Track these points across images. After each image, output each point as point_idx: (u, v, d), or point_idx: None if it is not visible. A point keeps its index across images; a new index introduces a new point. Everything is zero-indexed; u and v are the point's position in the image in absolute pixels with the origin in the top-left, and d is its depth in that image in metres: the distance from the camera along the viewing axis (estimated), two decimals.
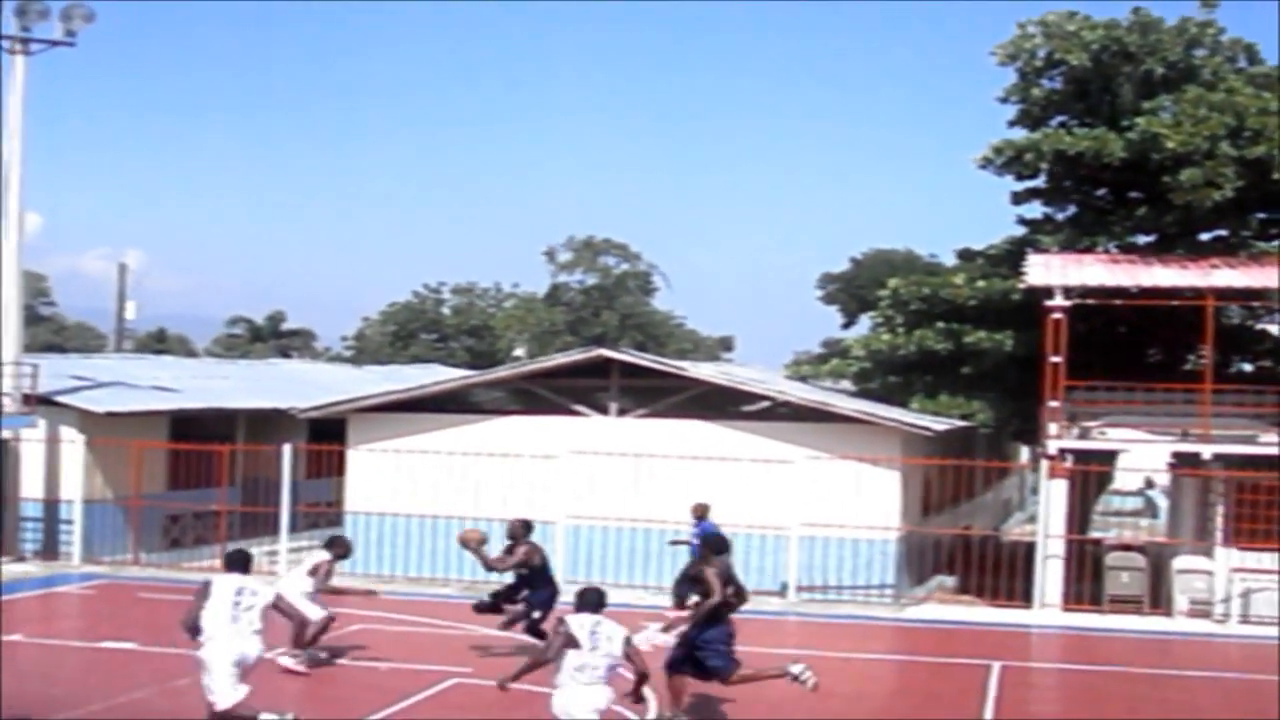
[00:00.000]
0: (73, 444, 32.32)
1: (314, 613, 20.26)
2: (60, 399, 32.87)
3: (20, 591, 25.84)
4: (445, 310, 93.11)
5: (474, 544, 21.40)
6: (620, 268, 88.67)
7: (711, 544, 18.06)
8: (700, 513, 26.62)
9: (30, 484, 32.44)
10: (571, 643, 14.16)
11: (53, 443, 32.45)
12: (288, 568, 29.80)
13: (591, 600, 14.62)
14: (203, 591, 15.14)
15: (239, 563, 15.67)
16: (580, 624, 14.30)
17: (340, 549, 21.23)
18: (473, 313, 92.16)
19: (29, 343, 36.49)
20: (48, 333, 78.94)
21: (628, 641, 14.38)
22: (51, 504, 32.51)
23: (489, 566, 21.57)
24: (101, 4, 32.61)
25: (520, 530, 21.50)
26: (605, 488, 29.80)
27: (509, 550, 21.47)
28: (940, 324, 35.41)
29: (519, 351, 79.70)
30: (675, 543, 27.13)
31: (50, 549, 32.29)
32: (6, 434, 32.15)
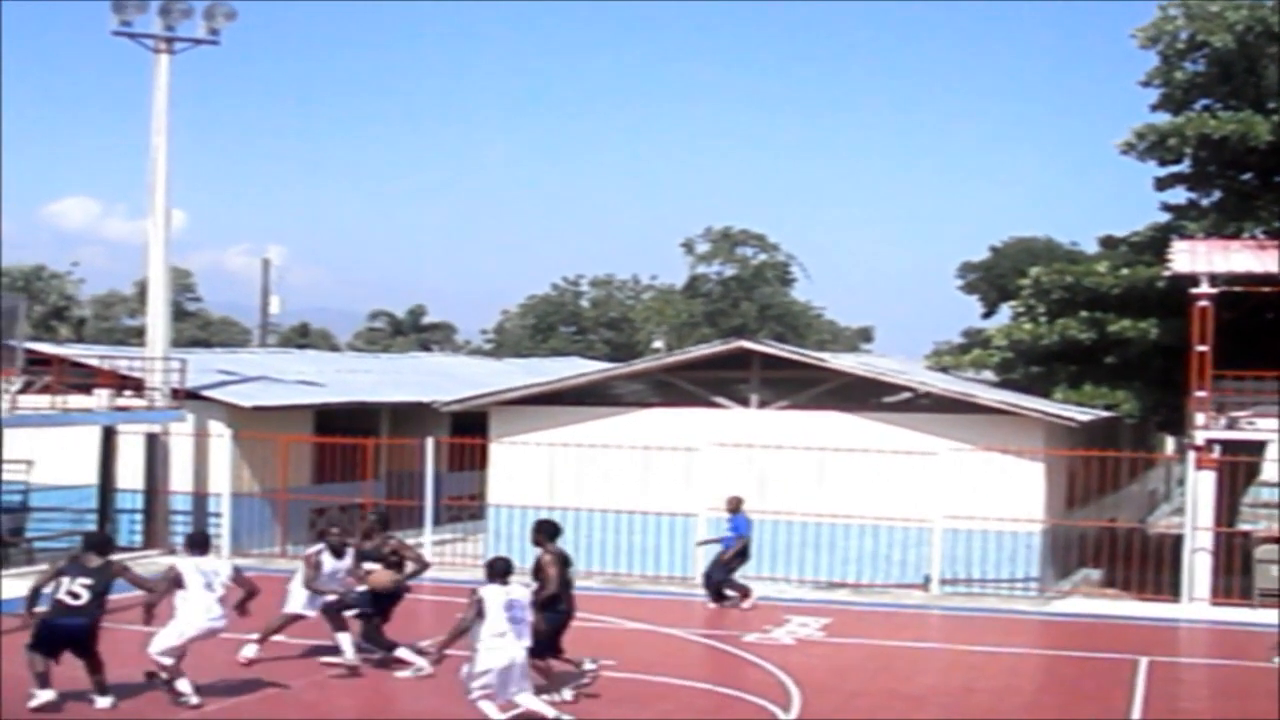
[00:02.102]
0: (220, 438, 32.80)
1: (292, 604, 20.00)
2: (208, 393, 33.38)
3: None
4: (584, 303, 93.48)
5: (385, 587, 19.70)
6: (758, 258, 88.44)
7: (546, 530, 18.26)
8: (733, 506, 26.39)
9: (179, 477, 32.99)
10: (483, 612, 15.63)
11: (201, 437, 32.97)
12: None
13: (500, 569, 16.14)
14: (176, 579, 17.10)
15: (201, 544, 17.73)
16: (493, 594, 15.80)
17: (331, 538, 20.05)
18: (611, 305, 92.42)
19: (175, 338, 37.16)
20: (193, 328, 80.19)
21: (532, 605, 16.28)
22: (200, 497, 33.01)
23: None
24: (243, 3, 33.11)
25: (378, 524, 20.46)
26: (746, 480, 29.74)
27: (375, 553, 19.86)
28: (1083, 313, 34.98)
29: (658, 343, 79.85)
30: (704, 543, 27.04)
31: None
32: (156, 428, 32.73)
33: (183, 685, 17.17)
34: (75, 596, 16.46)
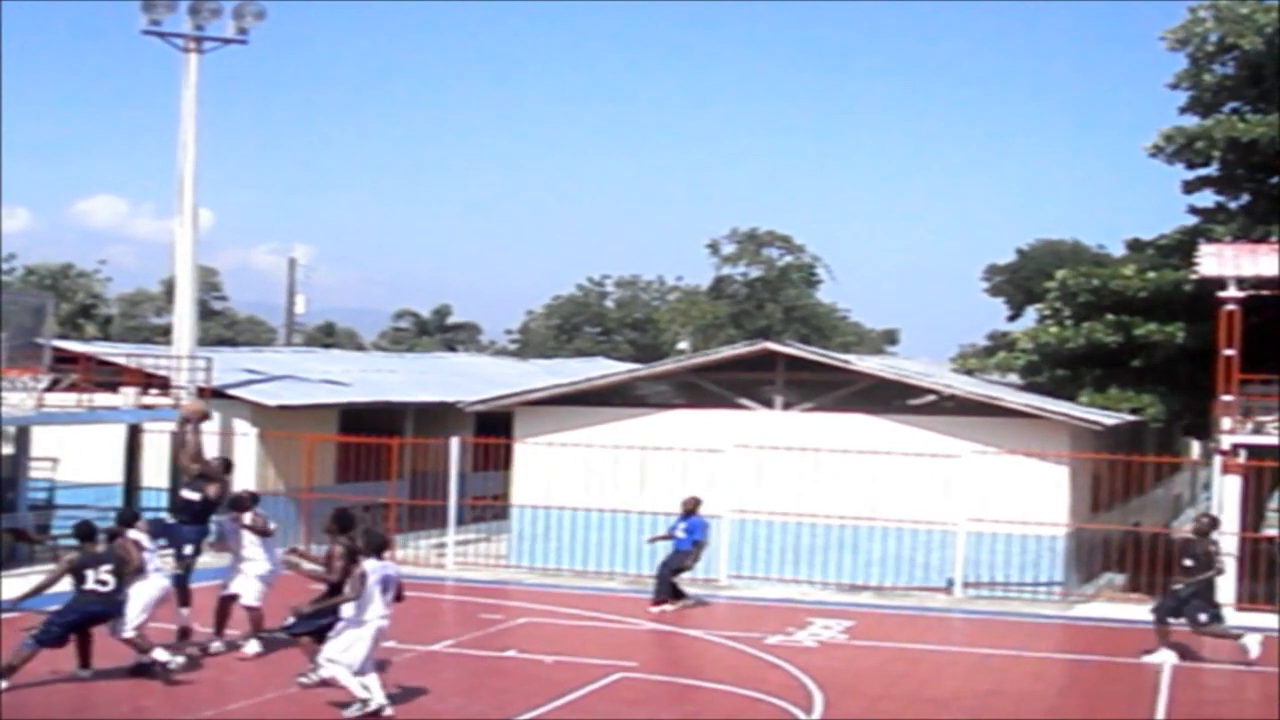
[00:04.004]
0: (245, 436, 32.85)
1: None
2: (233, 392, 33.46)
3: (195, 582, 26.41)
4: (609, 303, 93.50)
5: (194, 418, 21.05)
6: (784, 260, 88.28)
7: (340, 520, 18.65)
8: (690, 507, 26.24)
9: None
10: (367, 584, 16.40)
11: (226, 435, 32.99)
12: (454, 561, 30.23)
13: (376, 543, 16.97)
14: (137, 543, 18.49)
15: (130, 520, 19.23)
16: (373, 568, 16.51)
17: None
18: (636, 306, 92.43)
19: (202, 337, 37.23)
20: (219, 327, 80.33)
21: (400, 585, 16.98)
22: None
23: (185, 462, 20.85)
24: (272, 2, 33.17)
25: (221, 469, 21.30)
26: (770, 482, 29.72)
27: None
28: (1109, 316, 34.87)
29: (683, 345, 79.78)
30: (654, 539, 26.98)
31: (224, 540, 32.77)
32: None
33: (160, 654, 18.07)
34: (104, 584, 17.66)
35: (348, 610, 16.57)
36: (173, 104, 33.41)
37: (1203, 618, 21.76)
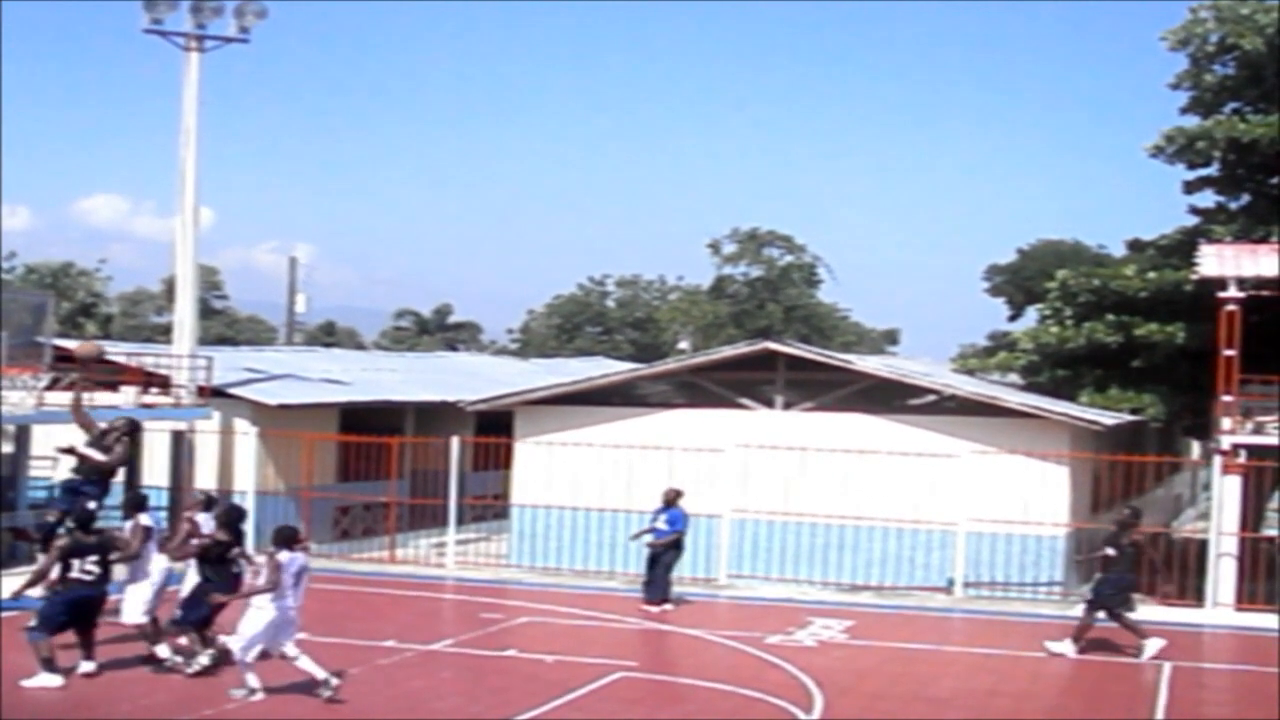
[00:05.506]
0: (246, 436, 32.82)
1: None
2: (233, 391, 33.42)
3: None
4: (610, 303, 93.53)
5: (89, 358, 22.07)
6: (785, 260, 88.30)
7: (230, 515, 19.52)
8: (670, 499, 26.18)
9: (204, 475, 32.99)
10: (281, 574, 17.11)
11: (226, 434, 32.99)
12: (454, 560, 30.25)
13: (287, 536, 17.63)
14: (147, 529, 19.30)
15: (140, 504, 19.96)
16: (287, 559, 17.22)
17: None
18: (637, 305, 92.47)
19: (202, 335, 37.19)
20: (220, 326, 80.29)
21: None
22: (225, 495, 32.99)
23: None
24: (274, 1, 33.13)
25: (126, 427, 21.90)
26: (770, 481, 29.72)
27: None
28: (1110, 316, 34.86)
29: (683, 344, 79.80)
30: (637, 535, 26.92)
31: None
32: (182, 425, 32.77)
33: (162, 650, 18.67)
34: (89, 573, 18.12)
35: (260, 599, 17.21)
36: (174, 102, 33.37)
37: (1092, 595, 22.20)
